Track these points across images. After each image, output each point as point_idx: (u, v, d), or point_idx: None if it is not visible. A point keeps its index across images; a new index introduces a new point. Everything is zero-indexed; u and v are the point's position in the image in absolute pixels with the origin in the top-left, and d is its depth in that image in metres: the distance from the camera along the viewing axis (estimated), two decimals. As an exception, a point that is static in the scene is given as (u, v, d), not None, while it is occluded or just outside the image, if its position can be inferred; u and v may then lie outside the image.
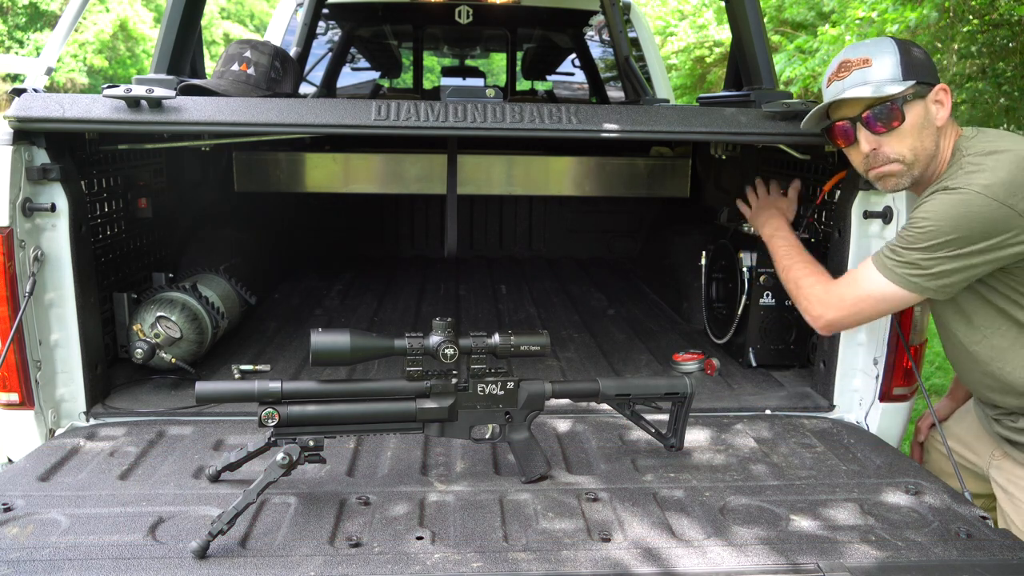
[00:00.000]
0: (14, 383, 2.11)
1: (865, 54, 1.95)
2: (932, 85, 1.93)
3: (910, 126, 1.92)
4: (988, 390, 2.05)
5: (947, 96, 1.94)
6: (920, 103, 1.92)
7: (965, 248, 1.82)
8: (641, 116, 2.26)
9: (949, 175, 1.88)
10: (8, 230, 2.04)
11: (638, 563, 1.57)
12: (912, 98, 1.91)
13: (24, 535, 1.64)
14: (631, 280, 4.18)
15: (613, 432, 2.23)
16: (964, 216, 1.80)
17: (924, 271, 1.86)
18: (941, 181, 1.90)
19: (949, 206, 1.81)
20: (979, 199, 1.78)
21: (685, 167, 4.07)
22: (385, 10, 4.95)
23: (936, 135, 1.94)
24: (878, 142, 1.95)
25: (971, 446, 2.25)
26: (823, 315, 2.07)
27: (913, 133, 1.92)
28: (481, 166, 3.89)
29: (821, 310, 2.07)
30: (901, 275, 1.89)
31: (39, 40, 21.22)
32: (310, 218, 4.42)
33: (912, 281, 1.89)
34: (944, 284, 1.87)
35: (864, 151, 1.99)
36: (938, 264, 1.84)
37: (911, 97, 1.91)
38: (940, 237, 1.82)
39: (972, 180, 1.80)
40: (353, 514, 1.76)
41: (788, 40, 11.19)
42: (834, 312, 2.05)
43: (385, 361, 2.60)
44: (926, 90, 1.92)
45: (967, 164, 1.85)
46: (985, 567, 1.58)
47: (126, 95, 2.06)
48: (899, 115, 1.91)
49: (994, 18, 8.02)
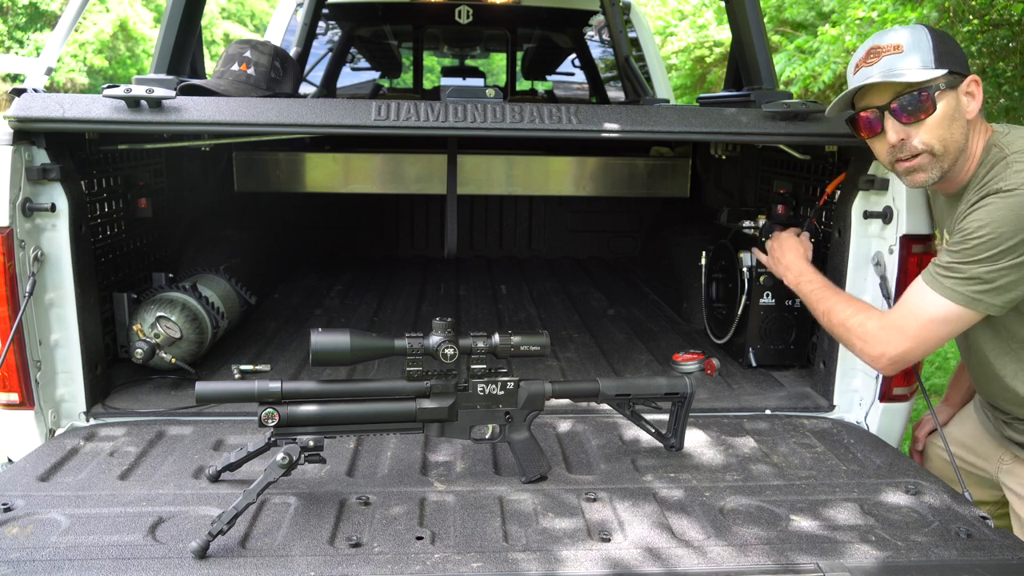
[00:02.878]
0: (14, 383, 2.11)
1: (896, 40, 1.85)
2: (964, 76, 1.83)
3: (941, 116, 1.81)
4: (1005, 401, 2.02)
5: (979, 88, 1.84)
6: (951, 93, 1.82)
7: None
8: (641, 116, 2.26)
9: (995, 175, 1.78)
10: (8, 230, 2.04)
11: (638, 563, 1.57)
12: (944, 87, 1.80)
13: (24, 535, 1.64)
14: (631, 280, 4.18)
15: (613, 432, 2.23)
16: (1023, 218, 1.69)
17: (990, 285, 1.74)
18: (985, 184, 1.79)
19: (1008, 210, 1.70)
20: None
21: (685, 167, 4.08)
22: (385, 10, 4.95)
23: (966, 128, 1.84)
24: (907, 132, 1.84)
25: (975, 451, 2.23)
26: (885, 352, 1.89)
27: (943, 124, 1.82)
28: (481, 166, 3.89)
29: (881, 347, 1.89)
30: (964, 293, 1.76)
31: (39, 40, 21.21)
32: (310, 218, 4.42)
33: (977, 298, 1.76)
34: (1009, 299, 1.76)
35: (891, 141, 1.87)
36: (1004, 275, 1.73)
37: (943, 86, 1.80)
38: (1003, 243, 1.70)
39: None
40: (353, 514, 1.76)
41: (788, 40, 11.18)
42: (896, 346, 1.87)
43: (385, 361, 2.60)
44: (958, 80, 1.82)
45: (1015, 162, 1.74)
46: (985, 567, 1.58)
47: (126, 95, 2.06)
48: (930, 104, 1.80)
49: (994, 18, 8.02)
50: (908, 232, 2.21)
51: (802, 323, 2.70)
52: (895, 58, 1.83)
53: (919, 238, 2.21)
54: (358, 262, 4.39)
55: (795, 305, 2.68)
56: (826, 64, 8.90)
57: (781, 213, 2.72)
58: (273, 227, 4.08)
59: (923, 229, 2.20)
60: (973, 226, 1.76)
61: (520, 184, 4.00)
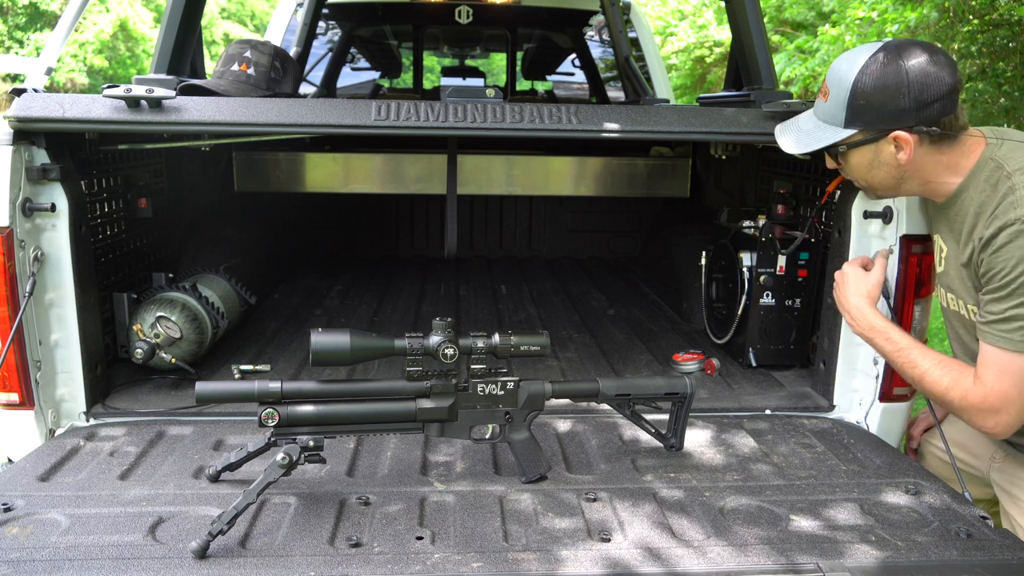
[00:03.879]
0: (14, 383, 2.11)
1: (830, 83, 1.89)
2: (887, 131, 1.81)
3: (855, 165, 1.93)
4: None
5: (907, 144, 1.81)
6: (865, 148, 1.87)
7: None
8: (641, 116, 2.26)
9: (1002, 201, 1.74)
10: (8, 230, 2.04)
11: (638, 563, 1.57)
12: (847, 148, 1.90)
13: (24, 535, 1.64)
14: (631, 280, 4.18)
15: (613, 432, 2.23)
16: None
17: None
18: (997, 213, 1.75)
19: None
20: None
21: (685, 167, 4.08)
22: (385, 10, 4.95)
23: (897, 170, 1.87)
24: (837, 164, 2.00)
25: (968, 448, 2.23)
26: (999, 421, 1.81)
27: (860, 171, 1.93)
28: (481, 166, 3.90)
29: (993, 421, 1.81)
30: None
31: (39, 40, 21.22)
32: (310, 218, 4.42)
33: None
34: None
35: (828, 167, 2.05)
36: None
37: (845, 148, 1.90)
38: None
39: None
40: (353, 514, 1.76)
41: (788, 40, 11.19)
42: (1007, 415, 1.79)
43: (385, 361, 2.60)
44: (876, 136, 1.84)
45: (1020, 184, 1.72)
46: (985, 567, 1.58)
47: (126, 95, 2.06)
48: (834, 158, 1.96)
49: (994, 18, 8.02)
50: (908, 232, 2.21)
51: (802, 323, 2.70)
52: (820, 104, 1.94)
53: (919, 238, 2.21)
54: (358, 262, 4.39)
55: (795, 305, 2.68)
56: (826, 64, 8.90)
57: (781, 213, 2.73)
58: (273, 227, 4.08)
59: (923, 229, 2.21)
60: (1009, 266, 1.71)
61: (520, 184, 4.00)
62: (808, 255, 2.64)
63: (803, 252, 2.63)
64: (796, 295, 2.66)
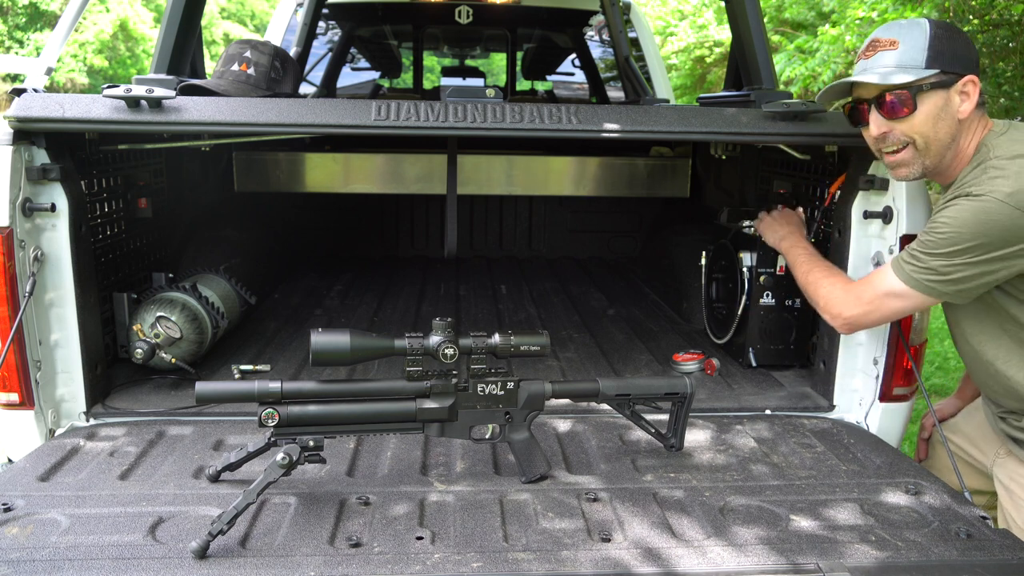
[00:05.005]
0: (14, 383, 2.11)
1: (895, 35, 1.91)
2: (961, 75, 1.87)
3: (924, 115, 1.88)
4: (992, 391, 2.06)
5: (975, 88, 1.88)
6: (941, 92, 1.87)
7: (984, 255, 1.81)
8: (641, 116, 2.26)
9: (973, 178, 1.84)
10: (8, 230, 2.04)
11: (638, 563, 1.57)
12: (930, 88, 1.86)
13: (24, 535, 1.64)
14: (631, 280, 4.18)
15: (613, 432, 2.23)
16: (984, 223, 1.78)
17: (943, 276, 1.86)
18: (964, 184, 1.86)
19: (970, 213, 1.80)
20: (1001, 207, 1.76)
21: (685, 167, 4.08)
22: (385, 10, 4.95)
23: (955, 127, 1.90)
24: (889, 126, 1.93)
25: (977, 444, 2.26)
26: (841, 312, 2.08)
27: (926, 123, 1.89)
28: (481, 166, 3.89)
29: (839, 308, 2.09)
30: (919, 279, 1.90)
31: (39, 40, 21.21)
32: (310, 218, 4.42)
33: (929, 285, 1.89)
34: (961, 289, 1.87)
35: (873, 134, 1.98)
36: (957, 270, 1.84)
37: (928, 87, 1.86)
38: (960, 244, 1.81)
39: (995, 187, 1.78)
40: (353, 514, 1.76)
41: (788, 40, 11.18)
42: (851, 310, 2.06)
43: (385, 361, 2.60)
44: (952, 79, 1.87)
45: (991, 168, 1.81)
46: (985, 567, 1.58)
47: (126, 95, 2.06)
48: (910, 104, 1.88)
49: (994, 18, 8.02)
50: (908, 232, 2.21)
51: (802, 323, 2.70)
52: (887, 54, 1.91)
53: (919, 238, 2.21)
54: (358, 262, 4.39)
55: (795, 305, 2.68)
56: (826, 64, 8.90)
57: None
58: (273, 227, 4.08)
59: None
60: (939, 221, 1.86)
61: (520, 184, 4.00)
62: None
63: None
64: (796, 295, 2.66)
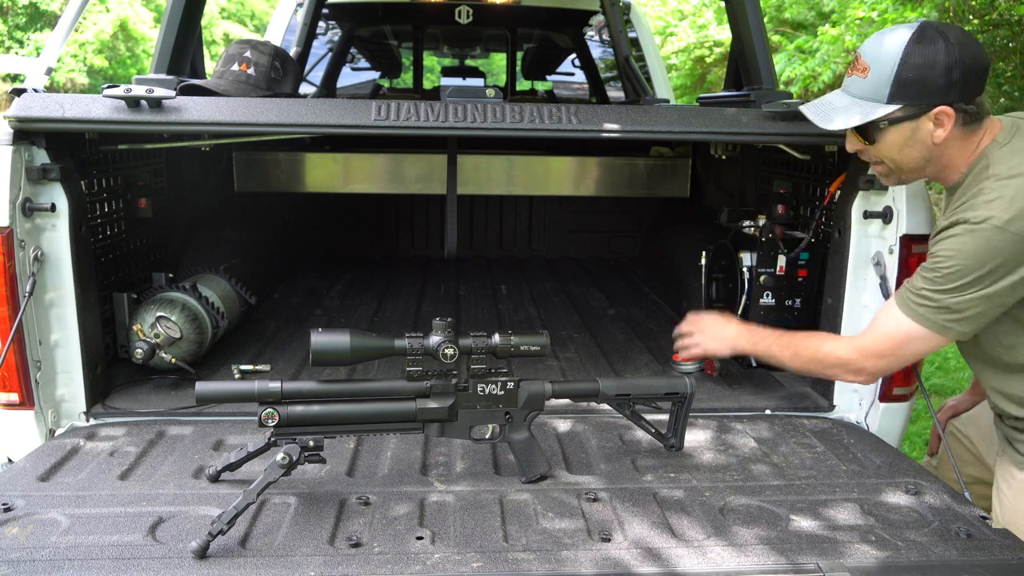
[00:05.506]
0: (14, 383, 2.11)
1: (871, 58, 1.86)
2: (931, 106, 1.80)
3: (887, 145, 1.88)
4: (991, 396, 2.05)
5: (949, 119, 1.81)
6: (906, 123, 1.84)
7: (994, 285, 1.76)
8: (641, 116, 2.26)
9: (970, 197, 1.80)
10: (8, 230, 2.04)
11: (638, 563, 1.57)
12: (890, 123, 1.84)
13: (24, 535, 1.64)
14: (631, 280, 4.18)
15: (613, 432, 2.23)
16: (987, 251, 1.74)
17: (959, 315, 1.80)
18: (961, 204, 1.82)
19: (971, 243, 1.76)
20: (1002, 235, 1.72)
21: (685, 167, 4.08)
22: (385, 10, 4.95)
23: (928, 151, 1.87)
24: (860, 146, 1.95)
25: (987, 438, 2.27)
26: (864, 368, 1.97)
27: (891, 150, 1.89)
28: (481, 166, 3.90)
29: (858, 364, 1.97)
30: (936, 320, 1.83)
31: (39, 40, 21.20)
32: (310, 218, 4.42)
33: (948, 327, 1.82)
34: (978, 325, 1.83)
35: (848, 150, 2.02)
36: (971, 306, 1.79)
37: (887, 123, 1.85)
38: (968, 276, 1.77)
39: (992, 212, 1.73)
40: (353, 514, 1.76)
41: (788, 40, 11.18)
42: (873, 363, 1.95)
43: (385, 361, 2.60)
44: (919, 111, 1.82)
45: (988, 189, 1.77)
46: (985, 567, 1.58)
47: (126, 95, 2.06)
48: (870, 136, 1.89)
49: (994, 18, 8.02)
50: (908, 232, 2.21)
51: (802, 323, 2.70)
52: (856, 81, 1.89)
53: (919, 238, 2.21)
54: (358, 262, 4.39)
55: (795, 305, 2.68)
56: (826, 64, 8.88)
57: (781, 213, 2.72)
58: (273, 227, 4.08)
59: (923, 229, 2.21)
60: (943, 255, 1.81)
61: (520, 184, 4.00)
62: (808, 255, 2.64)
63: (803, 252, 2.64)
64: (796, 295, 2.66)
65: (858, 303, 2.36)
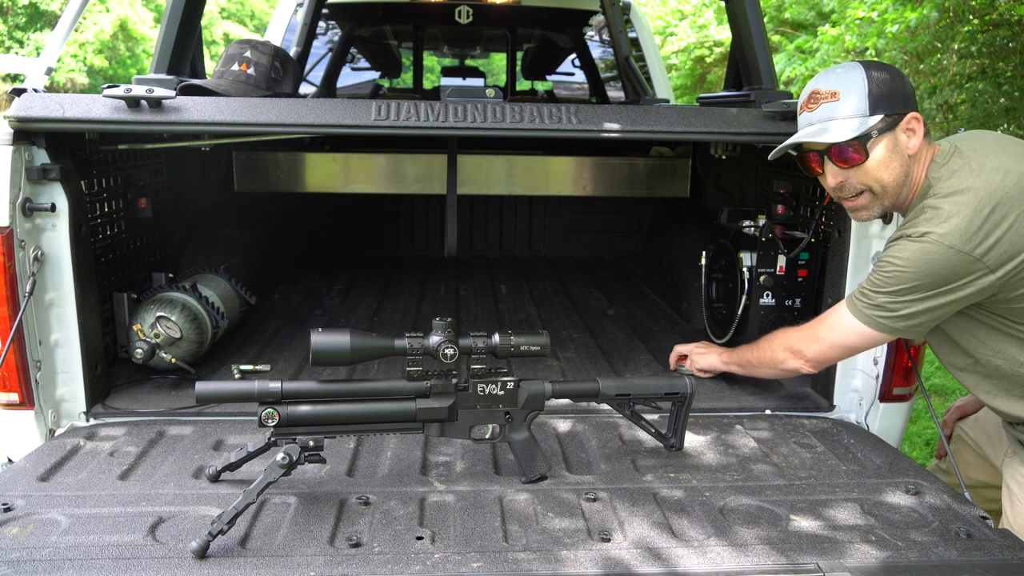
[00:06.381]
0: (14, 383, 2.11)
1: (834, 85, 1.94)
2: (903, 114, 1.92)
3: (876, 160, 1.93)
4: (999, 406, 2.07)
5: (919, 124, 1.93)
6: (888, 135, 1.92)
7: (929, 292, 1.86)
8: (641, 116, 2.26)
9: (915, 215, 1.90)
10: (8, 230, 2.04)
11: (638, 563, 1.57)
12: (878, 133, 1.91)
13: (24, 535, 1.64)
14: (631, 280, 4.18)
15: (613, 432, 2.23)
16: (925, 263, 1.83)
17: (892, 313, 1.92)
18: (908, 220, 1.92)
19: (911, 254, 1.85)
20: (939, 249, 1.81)
21: (685, 167, 4.08)
22: (385, 10, 4.95)
23: (907, 163, 1.94)
24: (845, 175, 1.97)
25: (993, 440, 2.28)
26: (802, 351, 2.15)
27: (880, 167, 1.93)
28: (481, 166, 3.89)
29: (800, 348, 2.16)
30: (870, 316, 1.96)
31: (39, 40, 21.22)
32: (310, 218, 4.42)
33: (880, 322, 1.95)
34: (911, 324, 1.93)
35: (831, 184, 2.02)
36: (904, 307, 1.90)
37: (875, 134, 1.91)
38: (905, 283, 1.87)
39: (932, 228, 1.83)
40: (353, 514, 1.76)
41: (788, 40, 11.19)
42: (815, 349, 2.12)
43: (385, 361, 2.60)
44: (896, 120, 1.92)
45: (929, 208, 1.86)
46: (985, 567, 1.58)
47: (126, 95, 2.06)
48: (862, 152, 1.92)
49: (994, 18, 8.02)
50: (908, 232, 2.21)
51: (802, 323, 2.70)
52: (830, 107, 1.94)
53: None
54: (358, 262, 4.39)
55: (795, 305, 2.68)
56: (826, 64, 8.90)
57: (781, 213, 2.72)
58: (273, 227, 4.08)
59: (923, 229, 2.20)
60: (884, 260, 1.92)
61: (520, 184, 4.00)
62: (808, 255, 2.64)
63: (803, 252, 2.64)
64: (796, 295, 2.66)
65: (858, 303, 2.36)
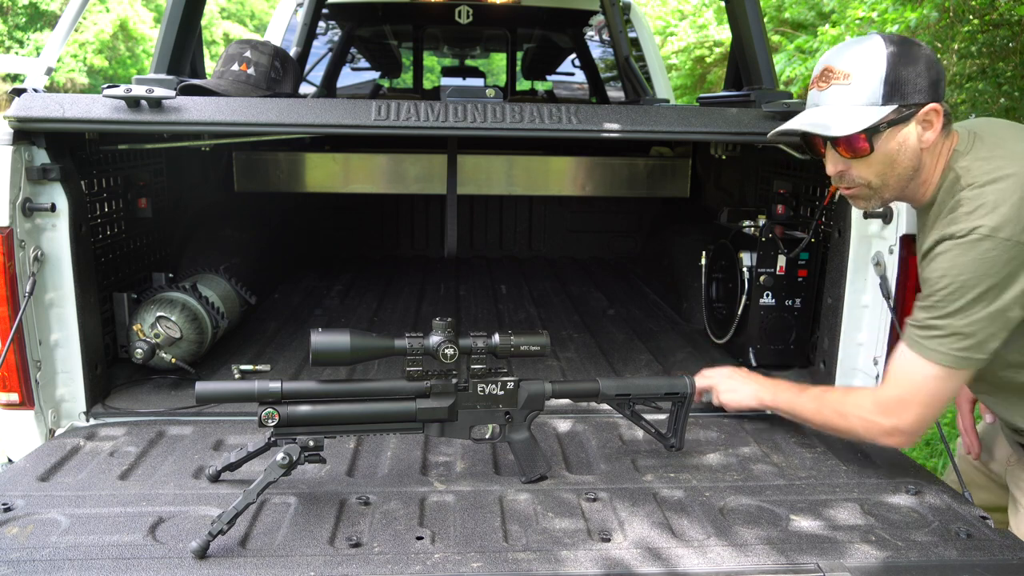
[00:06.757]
0: (14, 383, 2.11)
1: (849, 65, 1.73)
2: (922, 105, 1.71)
3: (882, 154, 1.74)
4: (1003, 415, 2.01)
5: (938, 117, 1.72)
6: (900, 127, 1.72)
7: (999, 298, 1.63)
8: (641, 116, 2.26)
9: (950, 211, 1.71)
10: (8, 230, 2.04)
11: (638, 563, 1.57)
12: (888, 125, 1.71)
13: (24, 535, 1.64)
14: (631, 280, 4.18)
15: (613, 432, 2.23)
16: (983, 262, 1.62)
17: (972, 340, 1.66)
18: (943, 220, 1.72)
19: (965, 257, 1.64)
20: (991, 243, 1.61)
21: (685, 167, 4.08)
22: (385, 10, 4.95)
23: (917, 158, 1.76)
24: (845, 164, 1.80)
25: (993, 453, 2.21)
26: (896, 426, 1.80)
27: (885, 160, 1.75)
28: (481, 166, 3.90)
29: (892, 423, 1.80)
30: (949, 353, 1.68)
31: (39, 40, 21.22)
32: (310, 218, 4.43)
33: (964, 356, 1.68)
34: (992, 348, 1.68)
35: (829, 171, 1.85)
36: (982, 328, 1.65)
37: (886, 126, 1.71)
38: (969, 293, 1.64)
39: (980, 221, 1.63)
40: (353, 514, 1.76)
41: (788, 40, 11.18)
42: (906, 418, 1.79)
43: (385, 361, 2.60)
44: (912, 112, 1.72)
45: (966, 200, 1.67)
46: (985, 567, 1.58)
47: (126, 95, 2.06)
48: (867, 145, 1.74)
49: (994, 18, 8.02)
50: (908, 232, 2.21)
51: (802, 323, 2.70)
52: (841, 89, 1.75)
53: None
54: (358, 262, 4.39)
55: (795, 305, 2.68)
56: (826, 64, 8.87)
57: (781, 213, 2.72)
58: (273, 227, 4.08)
59: (923, 229, 2.20)
60: (934, 276, 1.70)
61: (520, 184, 4.00)
62: (808, 255, 2.64)
63: (803, 252, 2.64)
64: (796, 295, 2.66)
65: (858, 303, 2.36)
